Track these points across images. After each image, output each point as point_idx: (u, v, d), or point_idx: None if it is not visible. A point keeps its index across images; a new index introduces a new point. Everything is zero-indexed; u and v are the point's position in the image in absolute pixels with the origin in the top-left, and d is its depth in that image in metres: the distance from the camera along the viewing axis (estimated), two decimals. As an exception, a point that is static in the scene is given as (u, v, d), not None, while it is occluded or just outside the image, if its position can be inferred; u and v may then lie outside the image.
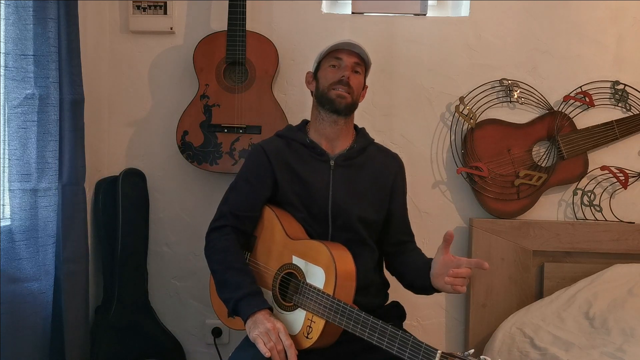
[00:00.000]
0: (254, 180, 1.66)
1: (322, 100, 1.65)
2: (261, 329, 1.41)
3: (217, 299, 1.71)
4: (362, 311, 1.40)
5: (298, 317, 1.49)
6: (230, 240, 1.62)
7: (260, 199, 1.66)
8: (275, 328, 1.41)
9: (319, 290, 1.46)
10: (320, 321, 1.44)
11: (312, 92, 1.73)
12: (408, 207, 1.81)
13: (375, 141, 1.79)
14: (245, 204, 1.65)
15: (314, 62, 1.74)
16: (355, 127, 1.77)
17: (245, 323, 1.47)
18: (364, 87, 1.74)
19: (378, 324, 1.36)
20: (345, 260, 1.48)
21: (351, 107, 1.66)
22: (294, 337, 1.49)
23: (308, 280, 1.49)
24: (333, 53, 1.67)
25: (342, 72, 1.64)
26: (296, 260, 1.54)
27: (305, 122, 1.76)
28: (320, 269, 1.47)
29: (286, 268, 1.56)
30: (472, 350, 1.20)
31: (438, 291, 1.55)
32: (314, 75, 1.72)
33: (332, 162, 1.66)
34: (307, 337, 1.46)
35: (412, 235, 1.80)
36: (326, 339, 1.46)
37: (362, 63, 1.69)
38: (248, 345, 1.48)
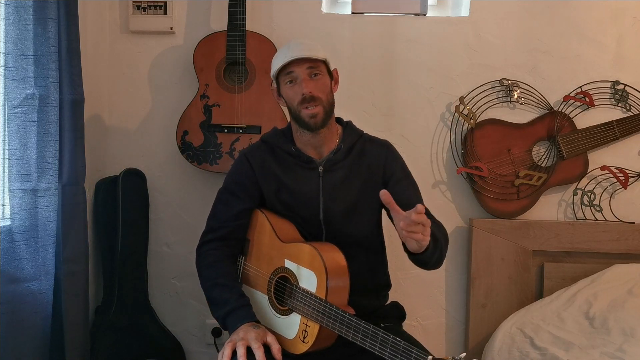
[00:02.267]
0: (239, 192, 1.64)
1: (296, 119, 1.59)
2: (232, 337, 1.41)
3: None
4: (354, 316, 1.38)
5: (294, 321, 1.49)
6: (217, 255, 1.61)
7: (247, 208, 1.65)
8: (245, 337, 1.39)
9: (311, 294, 1.44)
10: (315, 325, 1.43)
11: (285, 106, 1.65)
12: None
13: (365, 132, 1.71)
14: (232, 215, 1.63)
15: (272, 79, 1.64)
16: (341, 121, 1.70)
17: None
18: (333, 75, 1.63)
19: (369, 329, 1.34)
20: (337, 263, 1.47)
21: (327, 116, 1.58)
22: (290, 341, 1.49)
23: (301, 284, 1.48)
24: (283, 70, 1.56)
25: (301, 89, 1.54)
26: (288, 264, 1.53)
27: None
28: (312, 273, 1.46)
29: (279, 272, 1.55)
30: (464, 354, 1.19)
31: (416, 255, 1.45)
32: (279, 93, 1.63)
33: (320, 169, 1.61)
34: (303, 342, 1.45)
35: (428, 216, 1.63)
36: (322, 343, 1.46)
37: (318, 62, 1.57)
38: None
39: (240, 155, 1.70)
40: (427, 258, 1.48)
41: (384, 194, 1.34)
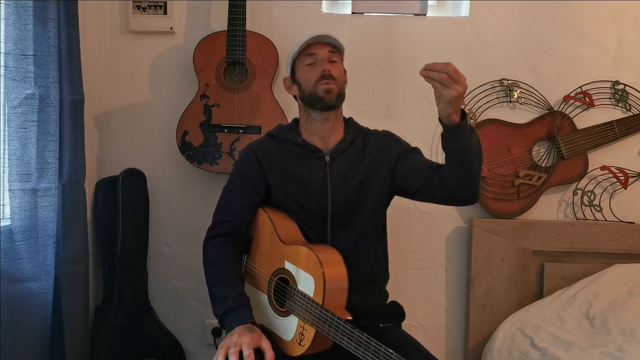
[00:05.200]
0: (246, 185, 1.64)
1: (310, 101, 1.61)
2: (226, 341, 1.40)
3: None
4: (349, 322, 1.37)
5: (291, 324, 1.49)
6: (221, 251, 1.61)
7: (253, 202, 1.64)
8: (238, 342, 1.38)
9: (308, 298, 1.44)
10: (311, 329, 1.43)
11: (295, 96, 1.69)
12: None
13: (365, 127, 1.75)
14: (237, 209, 1.63)
15: (288, 65, 1.68)
16: (343, 118, 1.73)
17: None
18: (345, 72, 1.70)
19: (363, 338, 1.33)
20: (336, 268, 1.46)
21: (340, 98, 1.63)
22: (288, 343, 1.49)
23: (299, 287, 1.48)
24: (304, 51, 1.62)
25: (321, 67, 1.59)
26: (288, 266, 1.53)
27: (296, 121, 1.72)
28: (310, 277, 1.45)
29: (279, 273, 1.55)
30: None
31: (451, 125, 1.43)
32: (292, 80, 1.67)
33: (327, 158, 1.63)
34: (299, 344, 1.45)
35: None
36: (319, 346, 1.46)
37: (336, 50, 1.64)
38: None
39: (246, 149, 1.70)
40: (467, 135, 1.44)
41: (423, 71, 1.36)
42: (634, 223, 2.22)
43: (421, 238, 2.29)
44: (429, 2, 2.31)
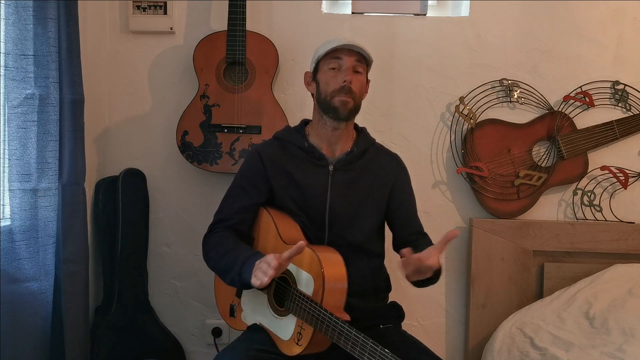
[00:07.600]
0: (249, 187, 1.65)
1: (324, 107, 1.60)
2: (254, 271, 1.43)
3: (220, 298, 1.72)
4: (346, 323, 1.37)
5: (290, 323, 1.49)
6: (221, 235, 1.62)
7: (255, 203, 1.65)
8: (264, 260, 1.41)
9: (307, 297, 1.44)
10: (309, 329, 1.43)
11: (312, 93, 1.68)
12: None
13: (376, 141, 1.76)
14: (239, 208, 1.64)
15: (312, 61, 1.68)
16: (356, 127, 1.73)
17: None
18: (367, 82, 1.69)
19: (359, 338, 1.33)
20: (335, 268, 1.46)
21: (354, 112, 1.62)
22: (285, 343, 1.49)
23: (299, 287, 1.48)
24: (332, 53, 1.60)
25: (343, 76, 1.57)
26: (289, 266, 1.53)
27: (304, 123, 1.72)
28: (310, 276, 1.46)
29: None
30: None
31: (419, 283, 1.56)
32: (313, 77, 1.66)
33: (331, 167, 1.63)
34: (297, 344, 1.46)
35: (420, 235, 1.73)
36: (316, 346, 1.46)
37: (363, 60, 1.63)
38: (237, 343, 1.53)
39: (252, 150, 1.72)
40: (431, 283, 1.59)
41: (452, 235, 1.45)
42: (634, 223, 2.22)
43: (421, 238, 2.29)
44: (429, 2, 2.31)
